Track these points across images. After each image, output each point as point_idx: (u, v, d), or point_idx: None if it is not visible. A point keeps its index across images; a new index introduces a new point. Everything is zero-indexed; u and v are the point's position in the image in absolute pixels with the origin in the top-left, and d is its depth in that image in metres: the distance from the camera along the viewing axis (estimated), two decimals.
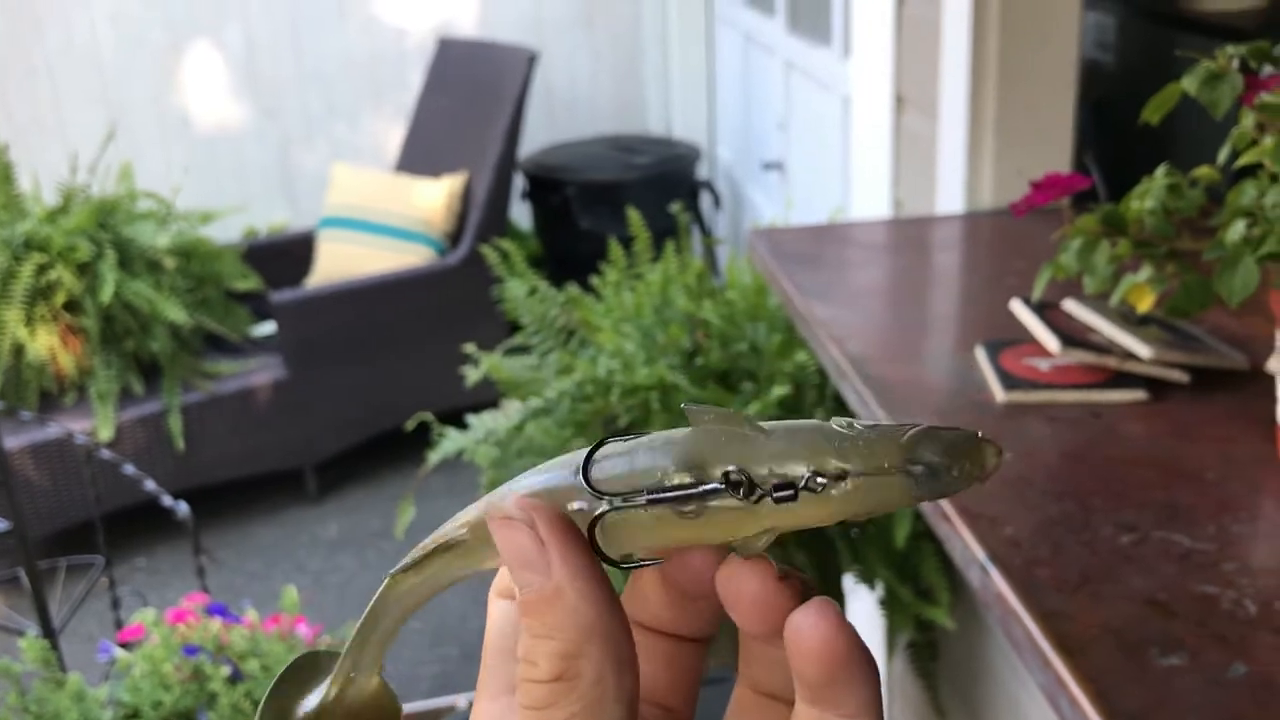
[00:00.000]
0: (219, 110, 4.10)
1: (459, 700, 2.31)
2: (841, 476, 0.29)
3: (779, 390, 1.50)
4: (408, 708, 2.28)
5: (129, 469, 2.06)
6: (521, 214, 3.94)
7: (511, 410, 1.53)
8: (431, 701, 2.32)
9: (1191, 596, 0.67)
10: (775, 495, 0.30)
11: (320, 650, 0.36)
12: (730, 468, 0.29)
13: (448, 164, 3.51)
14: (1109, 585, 0.68)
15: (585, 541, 0.30)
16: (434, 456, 1.51)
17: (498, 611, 0.34)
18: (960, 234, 1.44)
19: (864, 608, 1.86)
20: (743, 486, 0.30)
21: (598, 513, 0.30)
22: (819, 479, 0.29)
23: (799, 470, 0.29)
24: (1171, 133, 1.19)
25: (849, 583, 1.72)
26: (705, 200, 3.78)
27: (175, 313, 2.91)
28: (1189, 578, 0.69)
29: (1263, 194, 0.71)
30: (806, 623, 0.27)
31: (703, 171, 3.86)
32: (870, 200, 1.83)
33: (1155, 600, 0.67)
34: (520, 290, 1.68)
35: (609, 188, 3.61)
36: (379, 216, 3.45)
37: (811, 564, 1.62)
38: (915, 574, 1.54)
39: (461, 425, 1.60)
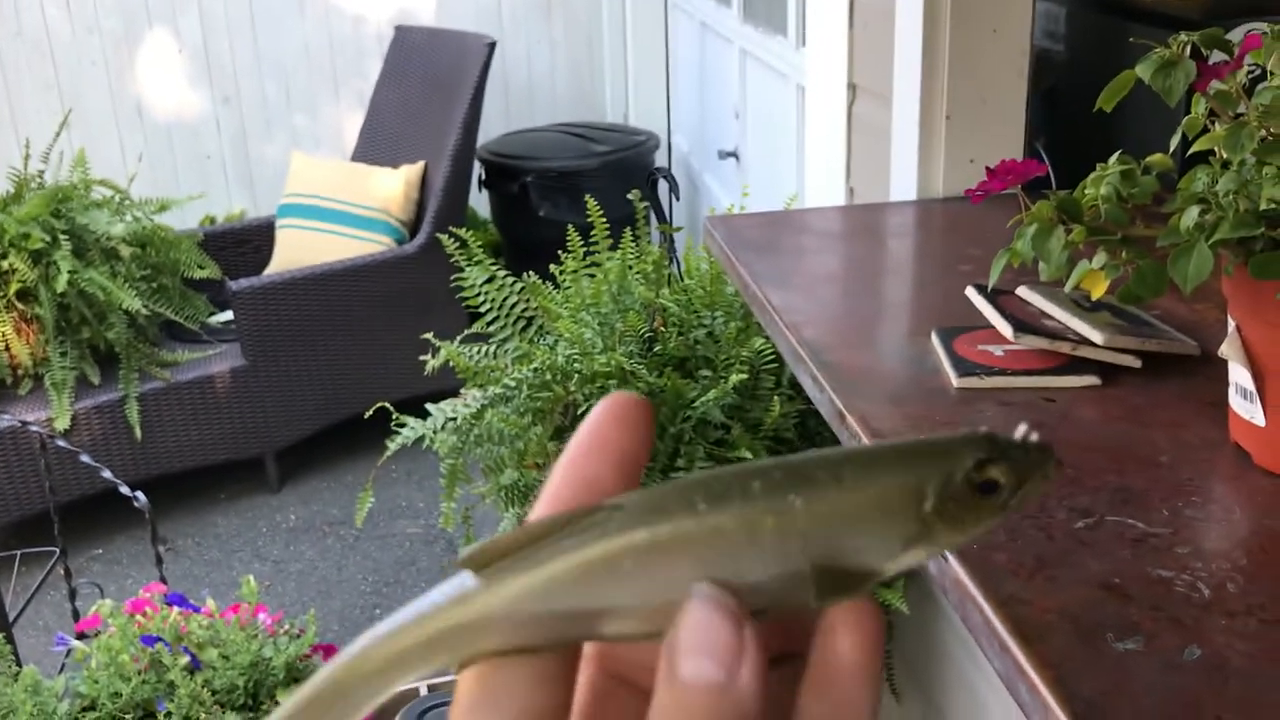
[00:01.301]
0: (175, 98, 4.04)
1: (420, 686, 2.30)
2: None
3: (736, 377, 1.50)
4: None
5: (86, 458, 2.04)
6: (480, 202, 3.91)
7: (470, 398, 1.52)
8: None
9: (1146, 580, 0.68)
10: (885, 583, 0.29)
11: None
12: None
13: (406, 153, 3.48)
14: (1065, 570, 0.69)
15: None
16: (393, 445, 1.50)
17: (477, 682, 0.30)
18: (914, 221, 1.44)
19: None
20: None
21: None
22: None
23: (894, 563, 0.27)
24: (1122, 121, 1.20)
25: None
26: (664, 188, 3.78)
27: (131, 301, 2.87)
28: (1143, 561, 0.70)
29: (1215, 181, 0.72)
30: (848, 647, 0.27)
31: (660, 160, 3.86)
32: (825, 188, 1.83)
33: (1110, 585, 0.68)
34: (479, 278, 1.67)
35: (567, 176, 3.60)
36: (337, 205, 3.42)
37: None
38: None
39: (421, 413, 1.59)
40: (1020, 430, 0.28)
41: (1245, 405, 0.78)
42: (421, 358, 1.71)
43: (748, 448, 1.52)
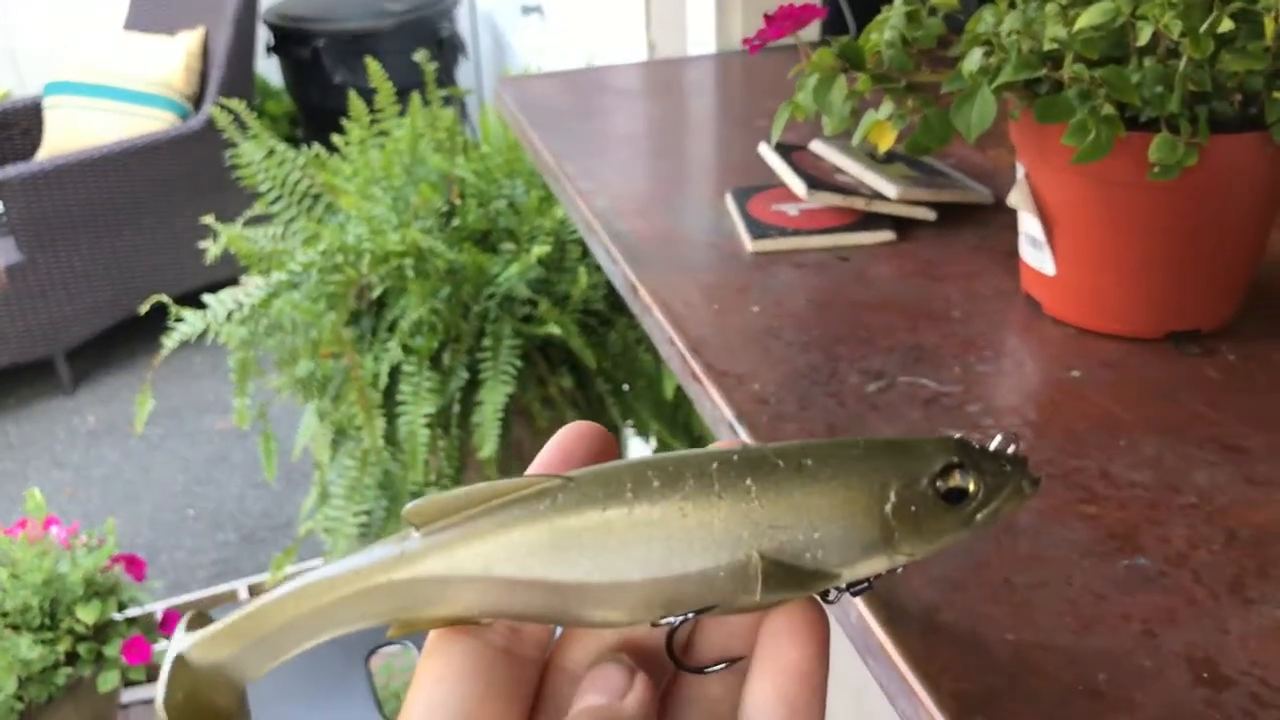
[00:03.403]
0: None
1: (239, 586, 2.23)
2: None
3: (540, 249, 1.44)
4: (187, 596, 2.19)
5: None
6: (272, 71, 3.68)
7: (253, 286, 1.41)
8: (211, 589, 2.23)
9: None
10: (852, 593, 0.27)
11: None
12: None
13: (183, 19, 3.22)
14: (855, 436, 0.67)
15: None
16: (170, 341, 1.39)
17: (457, 656, 0.28)
18: (712, 75, 1.39)
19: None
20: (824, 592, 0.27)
21: (678, 623, 0.27)
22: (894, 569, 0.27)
23: (850, 570, 0.26)
24: None
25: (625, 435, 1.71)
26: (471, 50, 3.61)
27: None
28: (935, 422, 0.68)
29: (1000, 21, 0.68)
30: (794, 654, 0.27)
31: (462, 18, 3.68)
32: (625, 43, 1.75)
33: None
34: (256, 153, 1.54)
35: (361, 38, 3.39)
36: (112, 79, 3.15)
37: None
38: (686, 424, 1.54)
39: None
40: (997, 440, 0.27)
41: (1035, 254, 0.77)
42: (202, 244, 1.59)
43: (556, 322, 1.47)
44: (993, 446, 0.27)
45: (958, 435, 0.27)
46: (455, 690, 0.27)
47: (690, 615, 0.27)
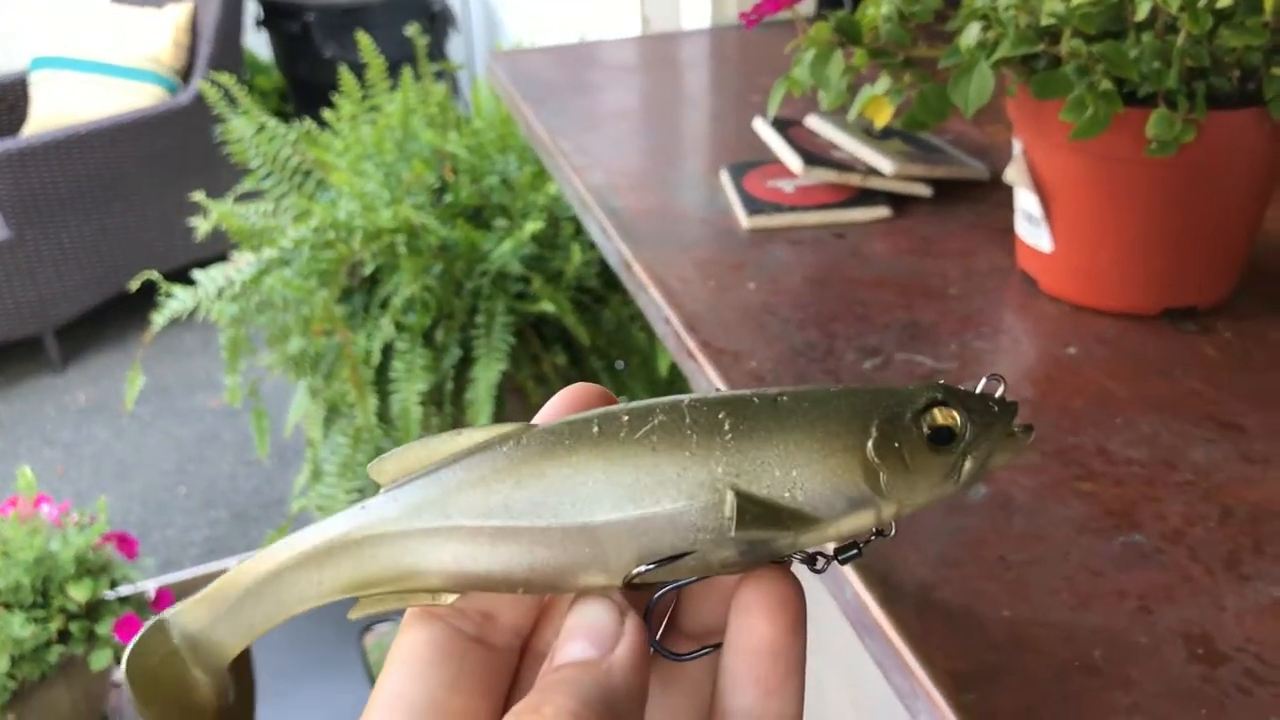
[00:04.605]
0: None
1: (231, 564, 2.22)
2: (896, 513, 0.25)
3: (533, 225, 1.44)
4: (178, 575, 2.19)
5: None
6: (261, 44, 3.65)
7: (244, 263, 1.41)
8: (202, 567, 2.23)
9: None
10: (840, 560, 0.26)
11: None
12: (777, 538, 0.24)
13: None
14: None
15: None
16: (160, 318, 1.39)
17: (424, 644, 0.26)
18: (707, 50, 1.38)
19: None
20: (807, 559, 0.25)
21: (659, 595, 0.26)
22: (876, 534, 0.25)
23: (835, 523, 0.25)
24: None
25: None
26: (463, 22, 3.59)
27: None
28: None
29: None
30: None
31: None
32: (619, 17, 1.74)
33: None
34: (247, 129, 1.53)
35: (352, 12, 3.37)
36: (99, 54, 3.12)
37: None
38: None
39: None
40: (982, 383, 0.26)
41: (1031, 231, 0.76)
42: (192, 220, 1.58)
43: (550, 299, 1.46)
44: (980, 389, 0.26)
45: (940, 381, 0.26)
46: (422, 679, 0.25)
47: (670, 585, 0.25)
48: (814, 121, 0.98)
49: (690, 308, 0.77)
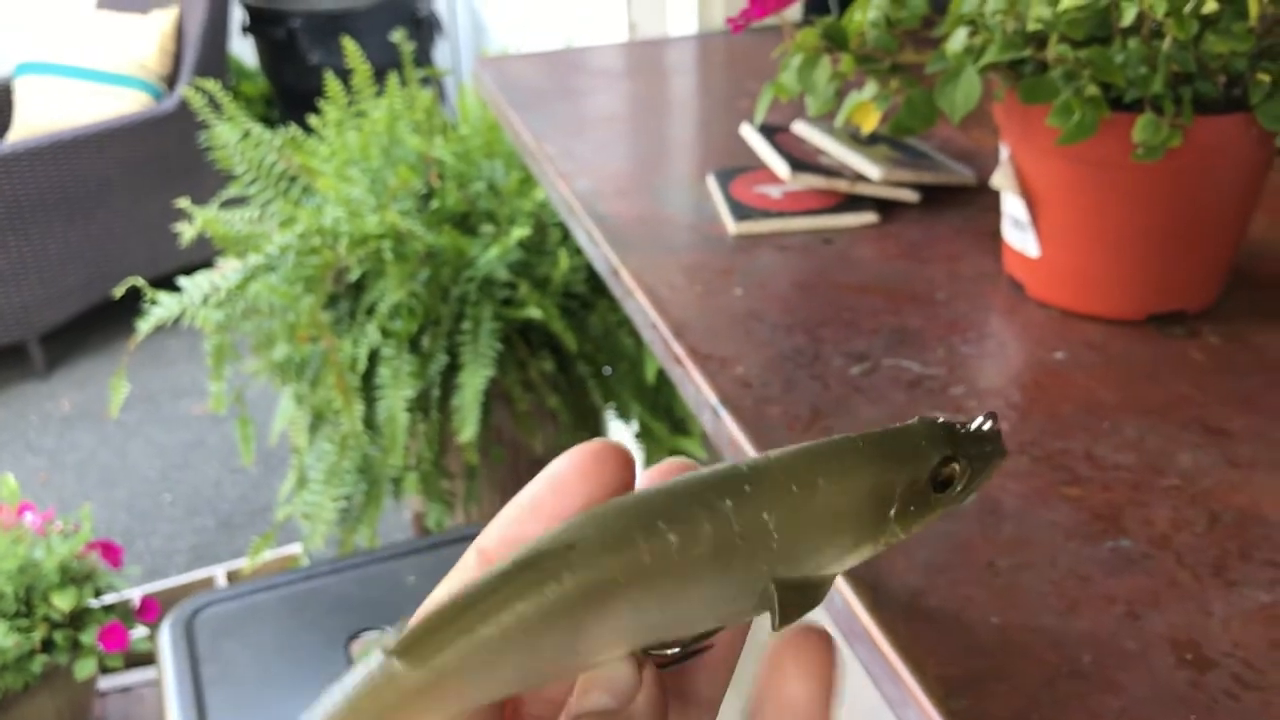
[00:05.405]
0: None
1: (217, 572, 2.21)
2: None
3: (520, 231, 1.43)
4: (163, 583, 2.17)
5: None
6: (246, 51, 3.64)
7: (229, 269, 1.40)
8: (188, 575, 2.21)
9: None
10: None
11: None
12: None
13: None
14: (840, 419, 0.66)
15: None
16: (145, 325, 1.38)
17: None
18: (694, 56, 1.38)
19: (623, 441, 1.85)
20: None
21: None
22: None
23: (843, 565, 0.26)
24: None
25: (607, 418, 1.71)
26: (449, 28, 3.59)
27: None
28: (918, 404, 0.68)
29: (984, 1, 0.68)
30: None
31: None
32: (606, 23, 1.74)
33: None
34: (232, 135, 1.52)
35: (337, 18, 3.36)
36: (85, 60, 3.11)
37: (566, 405, 1.59)
38: (668, 408, 1.54)
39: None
40: (977, 422, 0.27)
41: (1018, 236, 0.76)
42: (177, 227, 1.57)
43: (537, 305, 1.46)
44: (974, 426, 0.27)
45: (940, 419, 0.27)
46: None
47: (691, 650, 0.26)
48: (801, 127, 0.98)
49: (677, 313, 0.77)
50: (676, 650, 0.25)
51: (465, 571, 0.27)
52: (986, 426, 0.27)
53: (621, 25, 1.69)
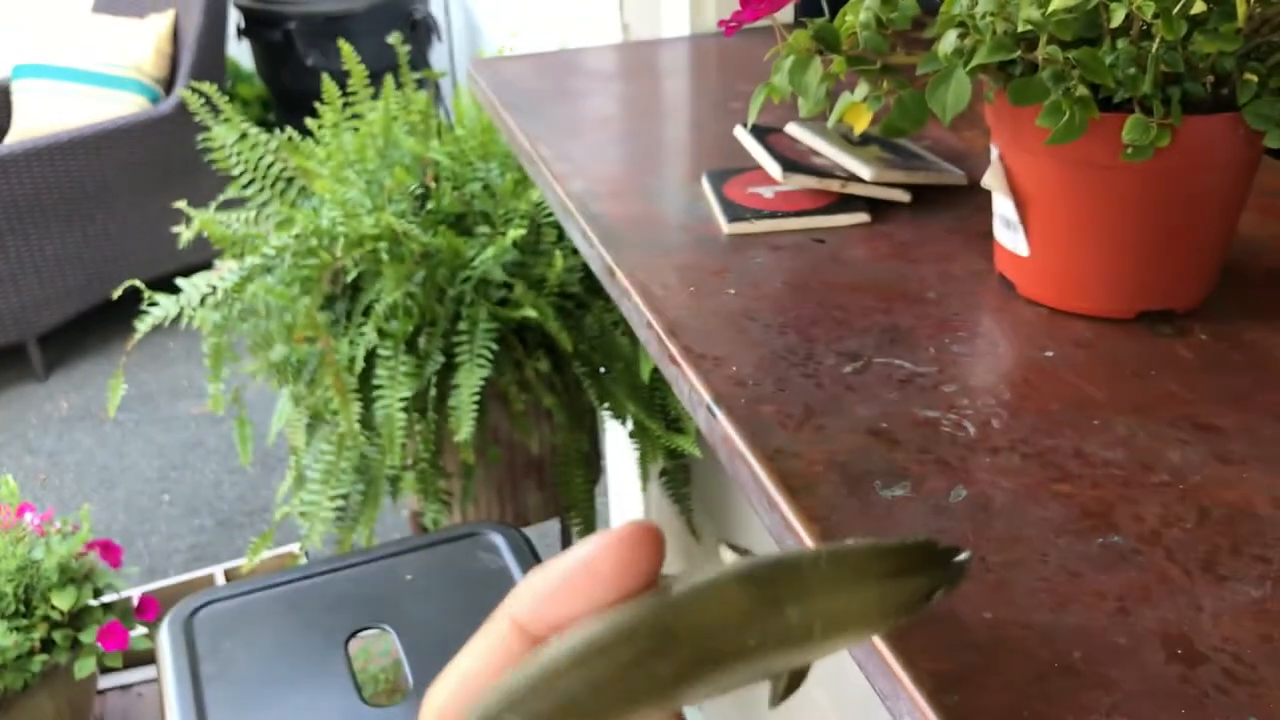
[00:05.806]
0: None
1: (216, 571, 2.22)
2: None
3: (515, 232, 1.44)
4: (162, 582, 2.18)
5: None
6: (243, 53, 3.64)
7: (227, 270, 1.40)
8: (186, 575, 2.22)
9: (913, 423, 0.66)
10: None
11: None
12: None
13: (152, 1, 3.19)
14: (832, 418, 0.67)
15: None
16: (143, 326, 1.38)
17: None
18: (687, 58, 1.38)
19: (618, 440, 1.86)
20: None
21: None
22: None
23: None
24: None
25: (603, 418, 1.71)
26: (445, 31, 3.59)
27: None
28: (911, 403, 0.68)
29: (974, 3, 0.69)
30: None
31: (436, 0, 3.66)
32: (599, 25, 1.75)
33: (878, 430, 0.66)
34: (229, 137, 1.53)
35: (333, 20, 3.37)
36: (82, 62, 3.11)
37: (562, 404, 1.59)
38: (663, 406, 1.54)
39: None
40: (964, 554, 0.30)
41: (1009, 235, 0.77)
42: (175, 228, 1.57)
43: (532, 306, 1.47)
44: (960, 558, 0.29)
45: (925, 539, 0.29)
46: None
47: None
48: (794, 128, 0.98)
49: (672, 313, 0.77)
50: None
51: (499, 640, 0.25)
52: (965, 555, 0.30)
53: (615, 27, 1.69)
